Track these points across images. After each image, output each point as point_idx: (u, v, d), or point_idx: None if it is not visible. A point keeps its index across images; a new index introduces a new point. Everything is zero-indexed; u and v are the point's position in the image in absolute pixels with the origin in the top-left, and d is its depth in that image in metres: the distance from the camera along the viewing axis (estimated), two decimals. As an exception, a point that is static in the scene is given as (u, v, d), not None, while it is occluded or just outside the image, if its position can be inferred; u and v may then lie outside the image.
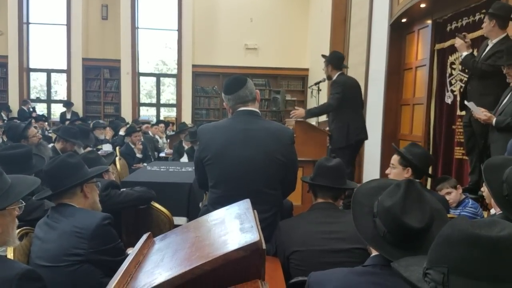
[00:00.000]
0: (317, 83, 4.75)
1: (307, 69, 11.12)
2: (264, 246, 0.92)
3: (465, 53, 3.43)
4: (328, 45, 8.48)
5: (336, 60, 4.43)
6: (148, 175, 3.89)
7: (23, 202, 1.54)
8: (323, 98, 6.59)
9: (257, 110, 2.22)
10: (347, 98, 4.31)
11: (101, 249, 1.83)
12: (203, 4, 10.85)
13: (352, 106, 4.44)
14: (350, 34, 7.91)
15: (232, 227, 1.06)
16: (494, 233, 0.81)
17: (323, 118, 5.48)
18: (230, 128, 2.19)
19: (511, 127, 2.82)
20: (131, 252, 1.15)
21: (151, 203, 2.79)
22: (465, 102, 3.39)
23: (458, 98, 4.60)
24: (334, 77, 4.42)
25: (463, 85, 4.54)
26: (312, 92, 4.81)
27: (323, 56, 4.64)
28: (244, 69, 11.07)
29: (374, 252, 1.29)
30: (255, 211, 1.16)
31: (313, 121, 4.59)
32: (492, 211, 2.40)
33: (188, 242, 1.06)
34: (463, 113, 4.01)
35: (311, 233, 1.87)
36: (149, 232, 1.28)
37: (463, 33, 3.65)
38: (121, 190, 2.66)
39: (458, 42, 3.52)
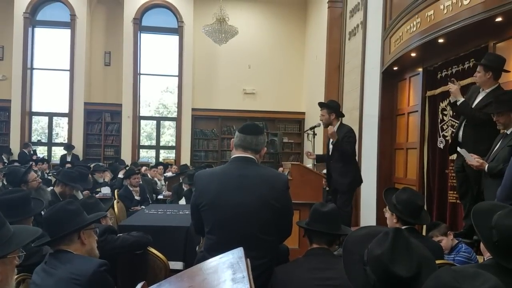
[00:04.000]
0: (312, 128, 4.89)
1: (303, 113, 11.35)
2: None
3: (461, 99, 3.53)
4: (323, 90, 8.73)
5: (338, 108, 4.67)
6: (145, 219, 3.88)
7: (23, 252, 1.58)
8: (318, 142, 6.72)
9: (253, 157, 2.26)
10: (354, 149, 4.62)
11: (97, 295, 1.86)
12: (203, 50, 11.22)
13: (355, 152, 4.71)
14: (344, 80, 8.16)
15: (224, 277, 1.09)
16: (476, 286, 0.83)
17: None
18: (225, 174, 2.24)
19: (503, 173, 2.88)
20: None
21: (147, 248, 2.80)
22: (458, 149, 3.47)
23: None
24: (337, 126, 4.59)
25: (454, 130, 4.67)
26: (308, 136, 4.93)
27: (323, 104, 4.82)
28: (242, 112, 11.32)
29: None
30: (248, 260, 1.20)
31: (309, 164, 4.69)
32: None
33: None
34: (455, 156, 4.10)
35: (306, 280, 1.89)
36: (143, 282, 1.31)
37: (452, 79, 3.78)
38: (118, 235, 2.69)
39: (453, 87, 3.62)
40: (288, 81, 11.46)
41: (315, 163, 4.47)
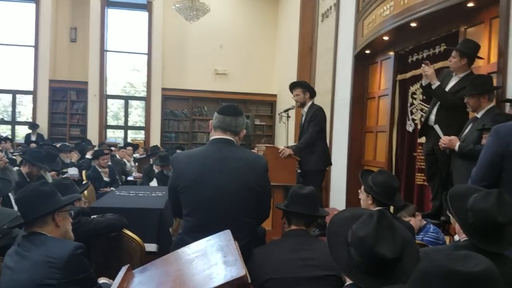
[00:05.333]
0: (286, 110, 4.89)
1: (275, 95, 11.36)
2: (249, 280, 0.95)
3: (437, 83, 3.58)
4: (295, 72, 8.73)
5: (313, 89, 4.65)
6: (117, 200, 3.84)
7: (-2, 234, 1.53)
8: (293, 124, 6.75)
9: (233, 139, 2.25)
10: (323, 128, 4.56)
11: (74, 279, 1.82)
12: (174, 28, 10.97)
13: (325, 134, 4.70)
14: (316, 63, 8.18)
15: (215, 260, 1.08)
16: (470, 268, 0.86)
17: (291, 143, 5.61)
18: (205, 156, 2.22)
19: (473, 153, 2.95)
20: (112, 286, 1.16)
21: (122, 230, 2.77)
22: (433, 125, 3.56)
23: (419, 127, 4.84)
24: (308, 105, 4.57)
25: (423, 114, 4.78)
26: (282, 118, 4.94)
27: (298, 83, 4.80)
28: (214, 93, 11.21)
29: (349, 281, 1.34)
30: (236, 242, 1.20)
31: (282, 146, 4.69)
32: (456, 237, 2.54)
33: (170, 276, 1.08)
34: (423, 140, 4.22)
35: (285, 261, 1.92)
36: (128, 265, 1.29)
37: (427, 61, 3.79)
38: (92, 217, 2.64)
39: (429, 70, 3.63)
40: (260, 63, 11.40)
41: (296, 157, 4.45)
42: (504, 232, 1.56)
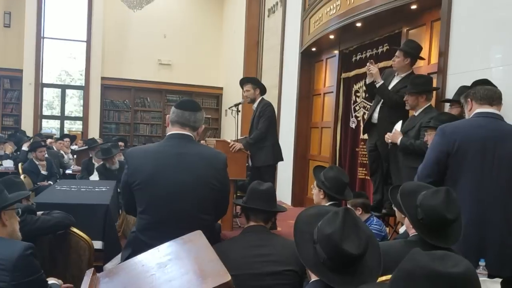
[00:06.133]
0: (236, 105, 4.88)
1: (221, 88, 11.30)
2: (233, 286, 0.92)
3: (381, 82, 3.72)
4: (242, 66, 8.74)
5: (263, 85, 4.67)
6: (58, 196, 3.66)
7: None
8: (244, 119, 6.75)
9: (191, 134, 2.21)
10: (273, 123, 4.58)
11: (23, 281, 1.72)
12: (115, 16, 10.55)
13: (275, 129, 4.74)
14: (263, 58, 8.25)
15: (192, 264, 1.04)
16: (449, 268, 0.90)
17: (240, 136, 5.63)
18: (162, 152, 2.16)
19: (413, 147, 3.15)
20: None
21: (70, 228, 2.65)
22: (376, 122, 3.76)
23: (362, 124, 5.06)
24: (258, 101, 4.60)
25: (366, 111, 5.00)
26: (232, 112, 4.93)
27: (248, 79, 4.82)
28: (157, 84, 10.95)
29: (314, 277, 1.36)
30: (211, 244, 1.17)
31: (229, 139, 4.69)
32: (401, 230, 2.70)
33: (144, 281, 1.02)
34: (366, 136, 4.41)
35: (245, 257, 1.93)
36: (92, 268, 1.23)
37: (371, 61, 3.94)
38: (38, 215, 2.50)
39: (374, 69, 3.78)
40: (206, 55, 11.25)
41: (248, 152, 4.45)
42: (451, 228, 1.69)
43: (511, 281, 2.06)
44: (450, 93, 3.33)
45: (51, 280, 2.08)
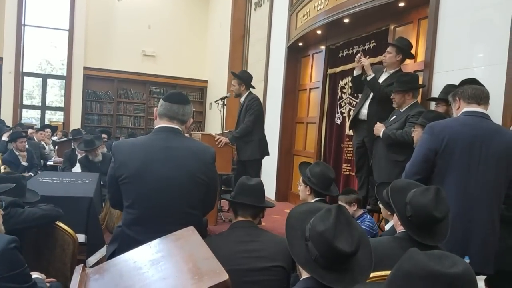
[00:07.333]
0: (223, 98, 4.86)
1: (206, 81, 11.20)
2: (230, 285, 0.90)
3: (372, 75, 3.71)
4: (227, 59, 8.68)
5: (249, 80, 4.64)
6: (41, 188, 3.54)
7: None
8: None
9: (179, 128, 2.17)
10: (260, 117, 4.57)
11: (7, 275, 1.69)
12: (98, 5, 10.36)
13: (262, 124, 4.74)
14: (249, 51, 8.20)
15: (186, 262, 1.02)
16: (447, 268, 0.90)
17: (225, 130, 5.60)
18: (150, 145, 2.11)
19: (395, 136, 3.21)
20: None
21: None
22: (365, 119, 3.76)
23: (347, 120, 5.08)
24: (245, 95, 4.57)
25: (352, 108, 5.02)
26: (218, 106, 4.90)
27: (234, 74, 4.78)
28: (141, 75, 10.80)
29: (305, 275, 1.35)
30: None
31: (214, 133, 4.67)
32: (387, 226, 2.73)
33: (136, 279, 1.00)
34: (351, 132, 4.43)
35: (233, 253, 1.91)
36: (81, 264, 1.21)
37: (361, 53, 3.92)
38: (24, 208, 2.43)
39: (365, 62, 3.77)
40: (191, 47, 11.12)
41: (234, 147, 4.43)
42: (439, 226, 1.71)
43: (494, 278, 2.11)
44: (436, 91, 3.37)
45: (34, 274, 2.05)
